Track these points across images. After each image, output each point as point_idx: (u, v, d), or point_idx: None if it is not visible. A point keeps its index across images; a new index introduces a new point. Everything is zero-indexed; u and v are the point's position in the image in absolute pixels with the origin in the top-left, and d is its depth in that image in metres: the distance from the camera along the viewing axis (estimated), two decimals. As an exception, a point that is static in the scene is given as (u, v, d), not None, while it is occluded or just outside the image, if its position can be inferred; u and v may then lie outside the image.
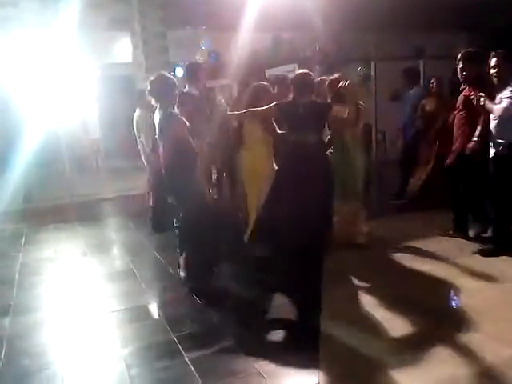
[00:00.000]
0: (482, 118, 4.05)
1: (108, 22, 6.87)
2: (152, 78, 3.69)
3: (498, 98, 3.86)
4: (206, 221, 3.74)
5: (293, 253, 3.85)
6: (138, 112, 5.72)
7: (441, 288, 3.53)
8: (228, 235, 4.42)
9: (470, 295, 3.37)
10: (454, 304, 3.32)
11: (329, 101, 4.24)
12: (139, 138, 5.78)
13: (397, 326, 2.98)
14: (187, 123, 3.72)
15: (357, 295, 3.48)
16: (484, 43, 8.85)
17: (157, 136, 3.79)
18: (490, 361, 2.53)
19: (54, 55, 6.51)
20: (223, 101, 5.19)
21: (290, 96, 4.10)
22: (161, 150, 3.79)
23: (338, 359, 2.67)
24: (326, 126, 4.22)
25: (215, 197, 5.13)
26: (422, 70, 8.11)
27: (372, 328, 2.98)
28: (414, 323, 3.00)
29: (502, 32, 8.44)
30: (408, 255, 4.24)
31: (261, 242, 4.16)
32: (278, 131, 4.11)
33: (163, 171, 3.82)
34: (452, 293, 3.46)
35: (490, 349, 2.64)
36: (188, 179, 3.65)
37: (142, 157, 5.75)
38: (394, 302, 3.30)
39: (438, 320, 3.02)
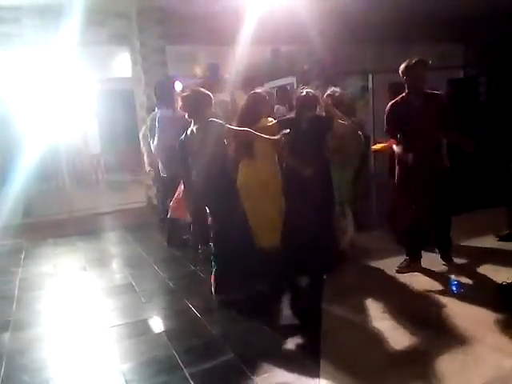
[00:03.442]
0: None
1: (108, 37, 6.93)
2: (184, 94, 3.69)
3: None
4: (241, 234, 3.75)
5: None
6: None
7: (441, 299, 3.52)
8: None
9: (472, 305, 3.36)
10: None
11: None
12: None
13: (397, 338, 2.97)
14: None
15: (356, 308, 3.47)
16: (480, 54, 8.97)
17: (195, 149, 3.72)
18: (491, 372, 2.52)
19: (54, 70, 6.57)
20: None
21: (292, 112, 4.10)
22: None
23: (339, 372, 2.65)
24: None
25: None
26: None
27: (373, 341, 2.97)
28: (415, 335, 2.98)
29: (497, 43, 8.53)
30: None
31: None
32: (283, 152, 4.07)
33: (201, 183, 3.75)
34: (453, 303, 3.46)
35: (492, 360, 2.63)
36: (229, 191, 3.69)
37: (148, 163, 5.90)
38: (393, 314, 3.29)
39: (439, 331, 3.00)
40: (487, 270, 3.98)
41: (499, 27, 8.52)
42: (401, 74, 3.87)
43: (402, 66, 3.83)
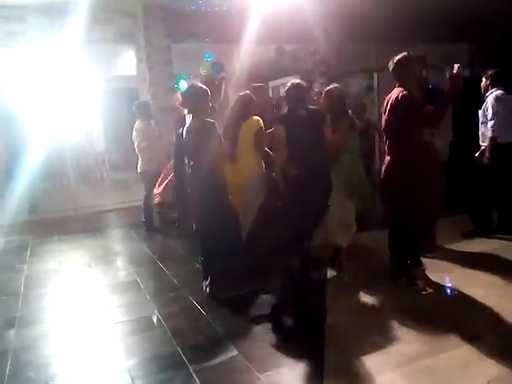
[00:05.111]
0: None
1: (113, 35, 6.95)
2: (184, 89, 3.72)
3: None
4: (233, 233, 3.80)
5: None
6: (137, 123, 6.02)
7: (443, 298, 3.52)
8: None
9: (475, 304, 3.37)
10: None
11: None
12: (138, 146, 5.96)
13: (400, 336, 2.98)
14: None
15: (359, 306, 3.48)
16: (485, 54, 8.93)
17: (189, 145, 3.75)
18: (494, 371, 2.52)
19: (59, 69, 6.60)
20: None
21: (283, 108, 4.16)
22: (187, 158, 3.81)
23: (343, 369, 2.66)
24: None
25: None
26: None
27: (377, 339, 2.97)
28: (417, 334, 2.99)
29: (502, 41, 8.50)
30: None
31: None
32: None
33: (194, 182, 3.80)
34: (458, 301, 3.47)
35: (495, 359, 2.63)
36: (221, 190, 3.71)
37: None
38: (397, 313, 3.30)
39: (442, 330, 3.00)
40: (487, 270, 3.98)
41: (504, 26, 8.49)
42: (398, 70, 3.61)
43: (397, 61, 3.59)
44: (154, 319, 3.56)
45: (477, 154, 4.95)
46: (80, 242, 5.99)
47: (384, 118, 3.77)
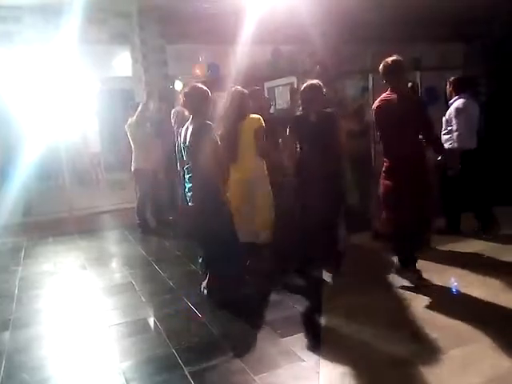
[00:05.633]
0: None
1: (108, 35, 6.94)
2: (186, 90, 3.72)
3: None
4: (231, 235, 3.78)
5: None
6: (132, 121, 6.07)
7: (440, 299, 3.53)
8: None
9: (471, 305, 3.38)
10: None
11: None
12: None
13: (397, 338, 2.97)
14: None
15: (356, 308, 3.47)
16: (481, 55, 8.97)
17: (185, 146, 3.74)
18: (490, 371, 2.53)
19: (55, 69, 6.57)
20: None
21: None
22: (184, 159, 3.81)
23: (339, 371, 2.65)
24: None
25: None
26: (418, 81, 8.19)
27: (372, 340, 2.97)
28: (414, 334, 2.99)
29: (498, 42, 8.53)
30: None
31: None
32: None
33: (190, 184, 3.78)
34: (453, 301, 3.47)
35: (491, 359, 2.64)
36: (217, 192, 3.68)
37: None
38: (392, 314, 3.31)
39: (438, 331, 3.00)
40: (481, 271, 3.99)
41: (500, 27, 8.53)
42: (390, 74, 3.69)
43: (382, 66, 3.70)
44: (150, 321, 3.55)
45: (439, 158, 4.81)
46: (75, 244, 5.97)
47: (380, 121, 3.78)
